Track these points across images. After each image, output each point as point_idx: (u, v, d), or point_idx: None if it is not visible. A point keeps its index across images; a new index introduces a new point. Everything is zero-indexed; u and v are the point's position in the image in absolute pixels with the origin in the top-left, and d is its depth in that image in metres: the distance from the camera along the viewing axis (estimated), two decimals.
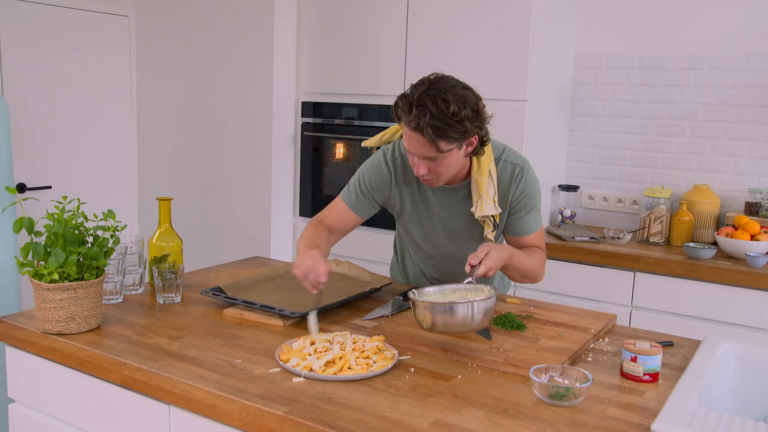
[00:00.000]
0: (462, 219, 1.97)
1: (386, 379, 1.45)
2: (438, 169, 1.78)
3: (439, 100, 1.67)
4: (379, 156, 2.00)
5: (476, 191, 1.87)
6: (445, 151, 1.72)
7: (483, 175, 1.86)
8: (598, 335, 1.75)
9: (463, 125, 1.69)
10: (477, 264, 1.70)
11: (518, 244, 2.00)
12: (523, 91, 3.05)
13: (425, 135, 1.69)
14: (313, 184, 3.75)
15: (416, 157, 1.76)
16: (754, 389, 1.61)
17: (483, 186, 1.86)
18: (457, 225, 1.99)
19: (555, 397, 1.36)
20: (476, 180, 1.87)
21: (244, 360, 1.53)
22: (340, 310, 1.92)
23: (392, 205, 2.05)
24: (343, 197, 2.05)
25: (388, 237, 3.47)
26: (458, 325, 1.54)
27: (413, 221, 2.05)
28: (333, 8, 3.56)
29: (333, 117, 3.65)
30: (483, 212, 1.87)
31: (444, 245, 2.05)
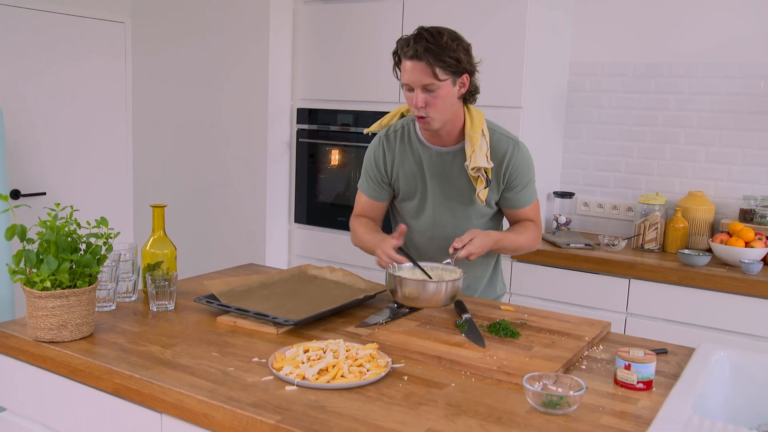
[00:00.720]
0: (457, 182, 2.05)
1: (379, 387, 1.44)
2: (435, 102, 1.89)
3: (434, 32, 1.87)
4: (375, 142, 2.15)
5: (470, 146, 1.96)
6: (441, 79, 1.86)
7: (476, 131, 1.97)
8: (592, 343, 1.75)
9: (456, 54, 1.86)
10: (460, 247, 1.86)
11: (515, 217, 2.15)
12: (518, 98, 3.06)
13: (423, 59, 1.84)
14: (309, 191, 3.75)
15: (416, 89, 1.88)
16: (748, 397, 1.61)
17: (476, 141, 1.96)
18: (452, 189, 2.06)
19: (548, 406, 1.36)
20: (470, 136, 1.97)
21: (237, 368, 1.52)
22: (333, 317, 1.91)
23: (394, 181, 2.13)
24: (361, 188, 2.19)
25: None
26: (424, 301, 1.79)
27: (411, 192, 2.10)
28: (328, 15, 3.57)
29: (328, 123, 3.65)
30: (477, 163, 1.94)
31: (439, 216, 2.10)
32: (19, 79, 3.60)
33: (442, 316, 1.88)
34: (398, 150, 2.09)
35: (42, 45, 3.68)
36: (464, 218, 2.09)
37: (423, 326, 1.80)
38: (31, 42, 3.63)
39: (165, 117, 4.03)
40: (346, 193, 3.65)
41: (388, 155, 2.10)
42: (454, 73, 1.89)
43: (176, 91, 3.95)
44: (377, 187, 2.14)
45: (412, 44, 1.85)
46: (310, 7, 3.63)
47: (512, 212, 2.14)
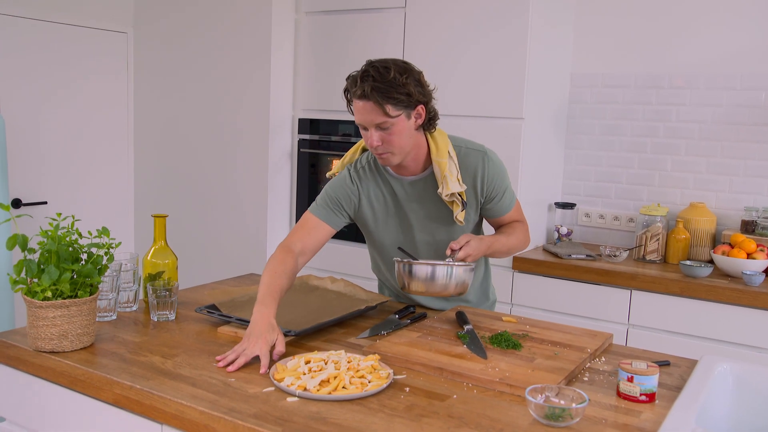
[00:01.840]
0: (432, 206, 2.03)
1: (381, 399, 1.44)
2: (390, 139, 1.85)
3: (380, 68, 1.81)
4: (343, 173, 2.08)
5: (439, 173, 1.93)
6: (393, 116, 1.82)
7: (443, 156, 1.94)
8: (594, 354, 1.75)
9: (406, 89, 1.81)
10: (458, 249, 1.86)
11: (500, 224, 2.15)
12: (520, 110, 3.06)
13: (371, 99, 1.79)
14: (310, 201, 3.75)
15: (370, 128, 1.84)
16: (751, 409, 1.60)
17: (445, 166, 1.93)
18: (429, 213, 2.03)
19: (551, 418, 1.35)
20: (437, 162, 1.94)
21: (238, 379, 1.52)
22: (335, 328, 1.91)
23: (363, 216, 2.07)
24: (313, 211, 2.05)
25: None
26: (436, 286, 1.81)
27: (387, 226, 2.07)
28: (330, 26, 3.58)
29: (330, 134, 3.65)
30: (450, 189, 1.92)
31: (420, 241, 2.07)
32: (22, 88, 3.61)
33: (444, 328, 1.88)
34: (369, 184, 2.04)
35: (44, 55, 3.69)
36: (449, 239, 2.04)
37: (425, 337, 1.79)
38: (33, 52, 3.64)
39: (167, 127, 4.03)
40: None
41: (361, 187, 2.04)
42: (407, 107, 1.84)
43: (178, 101, 3.96)
44: (334, 213, 2.03)
45: (359, 83, 1.80)
46: (311, 17, 3.64)
47: (497, 220, 2.13)
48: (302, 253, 1.97)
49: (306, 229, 2.02)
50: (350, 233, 3.58)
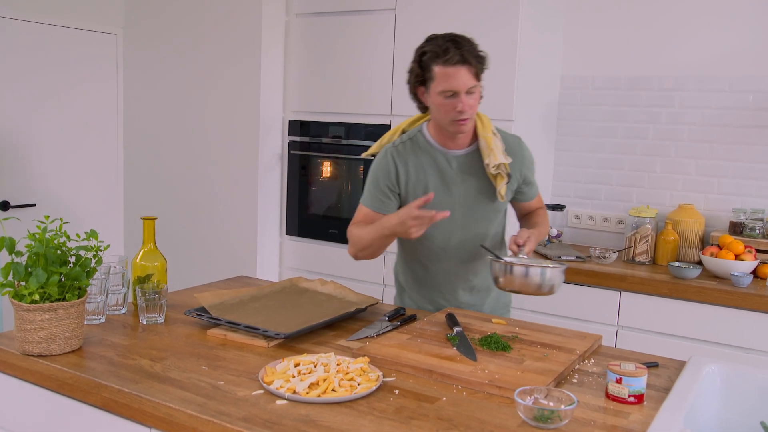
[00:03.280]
0: (476, 182, 2.08)
1: (370, 402, 1.44)
2: (473, 104, 1.95)
3: (466, 38, 1.95)
4: (382, 155, 2.12)
5: (486, 146, 2.02)
6: (480, 81, 1.96)
7: (488, 131, 2.04)
8: (583, 356, 1.75)
9: (486, 59, 1.98)
10: (522, 244, 1.95)
11: (526, 209, 2.27)
12: (510, 111, 3.07)
13: (469, 63, 1.91)
14: (300, 203, 3.74)
15: (461, 93, 1.91)
16: (739, 410, 1.61)
17: (491, 140, 2.03)
18: (472, 188, 2.08)
19: (540, 420, 1.35)
20: (483, 136, 2.04)
21: (227, 382, 1.51)
22: (324, 330, 1.91)
23: (405, 192, 2.09)
24: (366, 204, 2.13)
25: None
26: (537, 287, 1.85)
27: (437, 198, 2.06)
28: (321, 28, 3.58)
29: (320, 136, 3.65)
30: (497, 160, 2.00)
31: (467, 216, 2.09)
32: (10, 90, 3.59)
33: (434, 330, 1.88)
34: (412, 161, 2.08)
35: (34, 56, 3.67)
36: (486, 217, 2.12)
37: (414, 339, 1.79)
38: (22, 53, 3.62)
39: (157, 128, 4.02)
40: (337, 205, 3.64)
41: (401, 167, 2.08)
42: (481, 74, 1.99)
43: (168, 103, 3.95)
44: (384, 199, 2.10)
45: (453, 50, 1.89)
46: (302, 19, 3.64)
47: (525, 205, 2.25)
48: None
49: (361, 217, 2.12)
50: (340, 235, 3.58)
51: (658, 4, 3.23)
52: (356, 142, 3.52)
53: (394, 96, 3.37)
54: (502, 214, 2.19)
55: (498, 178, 2.04)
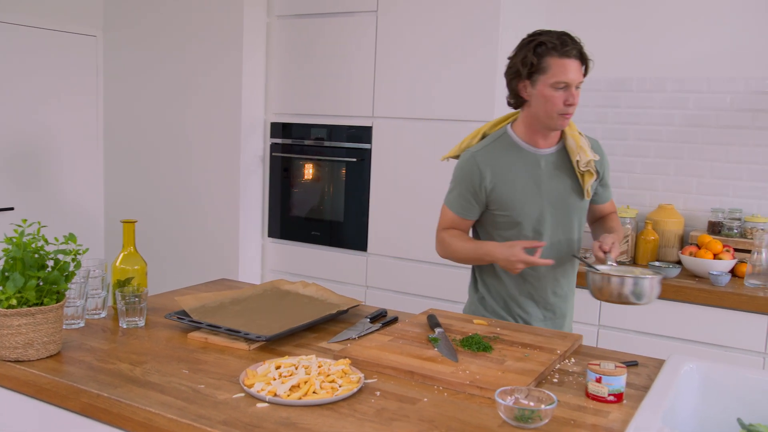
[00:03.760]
0: (565, 180, 2.08)
1: (351, 403, 1.43)
2: (576, 100, 1.96)
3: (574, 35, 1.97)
4: (467, 159, 2.09)
5: (575, 144, 2.04)
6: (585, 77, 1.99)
7: (575, 130, 2.07)
8: (563, 356, 1.76)
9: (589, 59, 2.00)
10: (608, 251, 1.98)
11: (601, 211, 2.27)
12: (491, 113, 3.08)
13: (581, 59, 1.94)
14: (283, 205, 3.74)
15: (571, 87, 1.93)
16: (717, 407, 1.63)
17: (579, 138, 2.05)
18: (561, 187, 2.07)
19: (520, 420, 1.36)
20: (571, 135, 2.06)
21: (208, 385, 1.51)
22: (306, 332, 1.90)
23: (500, 196, 2.05)
24: (450, 207, 2.12)
25: (355, 258, 3.47)
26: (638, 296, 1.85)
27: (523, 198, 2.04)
28: (302, 30, 3.58)
29: (302, 138, 3.65)
30: (588, 156, 2.02)
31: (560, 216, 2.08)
32: None
33: (415, 331, 1.88)
34: (499, 162, 2.05)
35: (13, 58, 3.64)
36: (574, 216, 2.11)
37: (396, 341, 1.79)
38: (1, 55, 3.58)
39: (137, 131, 4.00)
40: (320, 207, 3.64)
41: (486, 170, 2.04)
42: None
43: (149, 105, 3.93)
44: (469, 204, 2.08)
45: (570, 44, 1.92)
46: (283, 21, 3.64)
47: (599, 207, 2.26)
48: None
49: (449, 221, 2.13)
50: (323, 237, 3.58)
51: (637, 7, 3.26)
52: (338, 144, 3.52)
53: (376, 98, 3.37)
54: (585, 215, 2.18)
55: (586, 175, 2.05)
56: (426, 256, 3.27)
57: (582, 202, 2.11)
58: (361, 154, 3.45)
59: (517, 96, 2.03)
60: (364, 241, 3.46)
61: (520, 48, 2.00)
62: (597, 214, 2.28)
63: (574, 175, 2.07)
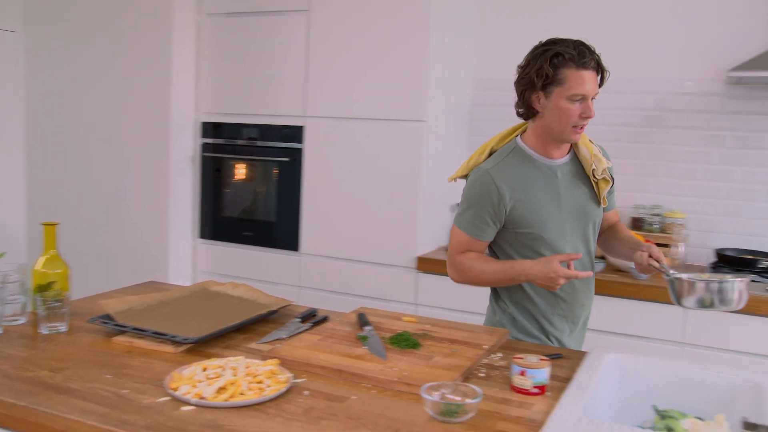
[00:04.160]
0: (580, 189, 2.02)
1: (279, 404, 1.43)
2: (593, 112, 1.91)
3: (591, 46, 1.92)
4: (481, 177, 1.97)
5: (588, 152, 1.99)
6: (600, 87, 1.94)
7: (584, 137, 2.01)
8: (491, 350, 1.80)
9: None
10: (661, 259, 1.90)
11: (608, 221, 2.21)
12: (422, 113, 3.11)
13: (597, 71, 1.90)
14: (214, 206, 3.69)
15: (588, 99, 1.88)
16: (635, 396, 1.69)
17: (591, 147, 2.00)
18: (576, 196, 2.00)
19: (447, 414, 1.38)
20: (584, 144, 2.01)
21: (132, 390, 1.48)
22: (235, 334, 1.88)
23: (520, 207, 1.95)
24: (464, 229, 2.00)
25: (288, 258, 3.45)
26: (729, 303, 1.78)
27: (545, 211, 1.96)
28: (233, 29, 3.54)
29: (234, 137, 3.60)
30: (604, 164, 1.99)
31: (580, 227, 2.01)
32: None
33: (345, 330, 1.89)
34: (516, 177, 1.95)
35: None
36: (593, 225, 2.05)
37: (325, 340, 1.79)
38: None
39: (62, 130, 3.87)
40: (252, 207, 3.61)
41: (504, 188, 1.93)
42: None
43: (74, 104, 3.81)
44: (486, 226, 1.97)
45: (588, 55, 1.87)
46: (214, 19, 3.59)
47: (608, 215, 2.20)
48: None
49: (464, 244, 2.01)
50: (255, 238, 3.55)
51: (563, 10, 3.35)
52: (271, 144, 3.49)
53: (308, 97, 3.36)
54: (600, 223, 2.11)
55: (602, 183, 1.99)
56: (359, 255, 3.28)
57: (598, 210, 2.05)
58: (293, 153, 3.43)
59: (530, 107, 1.94)
60: (296, 241, 3.45)
61: (534, 57, 1.92)
62: (604, 223, 2.21)
63: (589, 183, 2.02)
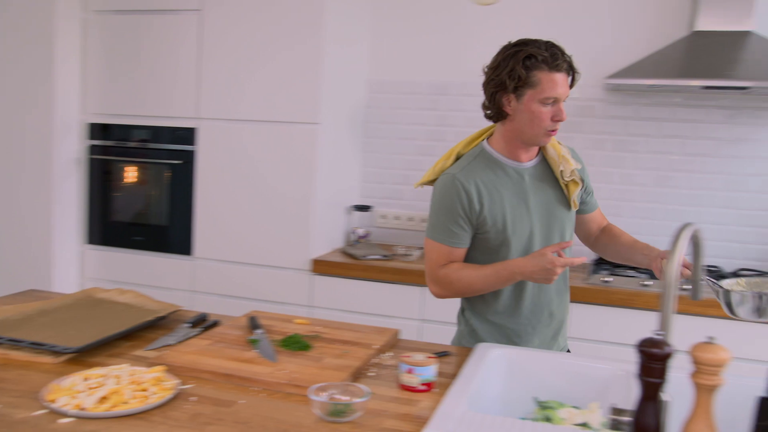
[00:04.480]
0: (549, 192, 1.98)
1: (165, 411, 1.40)
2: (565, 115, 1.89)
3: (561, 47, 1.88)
4: (448, 182, 1.93)
5: (556, 154, 1.97)
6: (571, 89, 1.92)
7: (553, 139, 1.98)
8: (381, 350, 1.83)
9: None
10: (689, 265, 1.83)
11: (593, 221, 2.17)
12: (316, 115, 3.12)
13: (569, 73, 1.87)
14: (103, 210, 3.56)
15: (560, 101, 1.86)
16: (518, 389, 1.76)
17: (560, 148, 1.98)
18: (545, 200, 1.97)
19: (335, 414, 1.40)
20: (552, 145, 1.98)
21: (6, 404, 1.41)
22: (121, 341, 1.83)
23: (489, 211, 1.92)
24: (436, 239, 1.95)
25: (181, 262, 3.38)
26: None
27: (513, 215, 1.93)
28: (122, 27, 3.42)
29: (125, 139, 3.49)
30: (572, 165, 1.96)
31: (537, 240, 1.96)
32: None
33: (236, 334, 1.87)
34: (483, 181, 1.92)
35: None
36: (563, 229, 2.00)
37: (215, 345, 1.77)
38: None
39: None
40: (143, 211, 3.50)
41: (472, 190, 1.90)
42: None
43: None
44: (460, 230, 1.93)
45: (561, 57, 1.83)
46: (101, 17, 3.46)
47: (589, 217, 2.16)
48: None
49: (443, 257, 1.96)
50: (146, 242, 3.46)
51: (454, 16, 3.44)
52: (163, 146, 3.41)
53: (201, 99, 3.30)
54: (572, 226, 2.07)
55: (571, 185, 1.96)
56: (253, 258, 3.25)
57: (569, 213, 2.02)
58: (185, 156, 3.36)
59: (500, 110, 1.90)
60: (189, 245, 3.38)
61: (505, 59, 1.88)
62: (592, 225, 2.17)
63: (557, 186, 1.99)
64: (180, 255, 3.39)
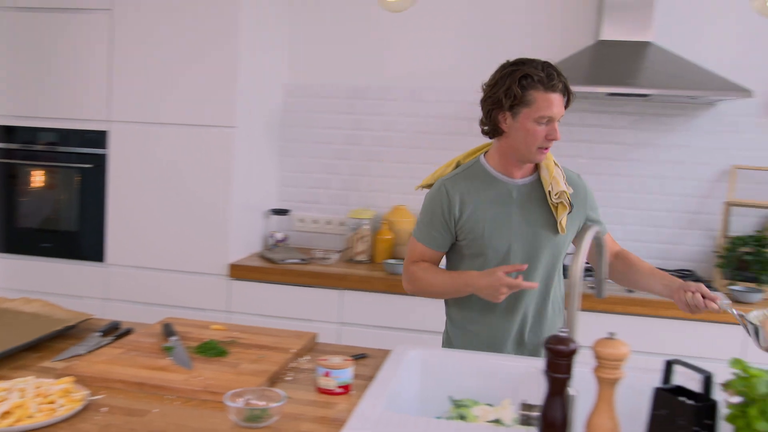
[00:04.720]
0: (536, 211, 1.97)
1: (73, 423, 1.37)
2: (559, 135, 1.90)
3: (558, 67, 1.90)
4: (436, 188, 2.02)
5: (548, 174, 1.96)
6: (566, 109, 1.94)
7: (550, 159, 1.99)
8: (299, 354, 1.83)
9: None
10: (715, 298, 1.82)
11: (608, 246, 2.12)
12: (232, 118, 3.09)
13: (565, 94, 1.89)
14: (9, 216, 3.41)
15: (554, 121, 1.88)
16: (434, 388, 1.79)
17: (553, 169, 1.97)
18: (532, 219, 1.96)
19: (251, 420, 1.40)
20: (545, 165, 1.98)
21: None
22: (27, 353, 1.77)
23: (463, 225, 1.97)
24: (419, 239, 2.04)
25: (93, 269, 3.28)
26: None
27: (492, 228, 1.95)
28: (29, 25, 3.29)
29: (31, 142, 3.36)
30: (560, 187, 1.93)
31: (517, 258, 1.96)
32: None
33: (149, 341, 1.84)
34: (468, 191, 1.97)
35: None
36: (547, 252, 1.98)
37: (128, 353, 1.74)
38: None
39: None
40: (52, 217, 3.38)
41: (456, 198, 1.96)
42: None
43: None
44: (439, 235, 1.99)
45: (556, 78, 1.86)
46: (6, 14, 3.31)
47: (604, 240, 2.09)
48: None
49: (418, 254, 2.04)
50: (55, 249, 3.34)
51: (371, 21, 3.47)
52: (72, 150, 3.29)
53: (113, 101, 3.21)
54: (563, 257, 2.04)
55: (560, 207, 1.95)
56: (169, 263, 3.19)
57: (556, 237, 1.97)
58: (96, 160, 3.26)
59: (496, 126, 1.94)
60: (101, 252, 3.28)
61: (502, 77, 1.90)
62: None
63: (548, 207, 1.98)
64: (91, 261, 3.29)
